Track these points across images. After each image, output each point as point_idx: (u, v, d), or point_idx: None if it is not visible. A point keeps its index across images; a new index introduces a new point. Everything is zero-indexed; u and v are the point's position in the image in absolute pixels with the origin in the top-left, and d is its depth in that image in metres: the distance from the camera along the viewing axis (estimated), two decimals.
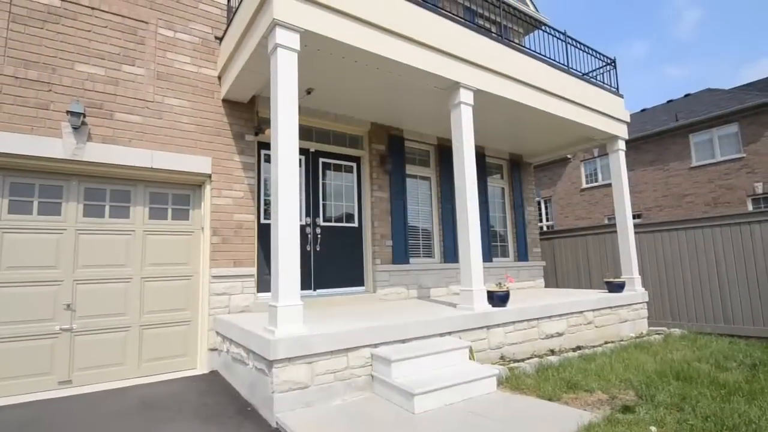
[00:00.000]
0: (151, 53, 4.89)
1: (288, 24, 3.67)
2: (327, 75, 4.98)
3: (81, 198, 4.58)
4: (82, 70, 4.48)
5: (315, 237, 6.10)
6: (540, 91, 5.97)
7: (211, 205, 5.07)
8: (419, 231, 7.30)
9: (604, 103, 7.04)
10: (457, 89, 5.02)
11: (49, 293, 4.30)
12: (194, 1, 5.26)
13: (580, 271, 9.41)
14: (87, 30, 4.56)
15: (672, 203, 15.46)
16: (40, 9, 4.36)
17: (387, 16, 4.35)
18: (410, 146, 7.33)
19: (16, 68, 4.16)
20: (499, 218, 8.70)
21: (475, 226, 4.92)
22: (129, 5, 4.83)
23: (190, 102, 5.07)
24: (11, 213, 4.23)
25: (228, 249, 5.11)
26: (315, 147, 6.28)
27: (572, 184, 19.38)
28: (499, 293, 5.01)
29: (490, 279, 6.82)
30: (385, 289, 6.44)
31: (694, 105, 16.66)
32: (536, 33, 6.72)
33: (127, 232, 4.78)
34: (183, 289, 5.04)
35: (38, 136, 4.17)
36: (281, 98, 3.62)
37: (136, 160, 4.62)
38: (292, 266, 3.51)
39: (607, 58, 7.43)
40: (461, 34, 5.14)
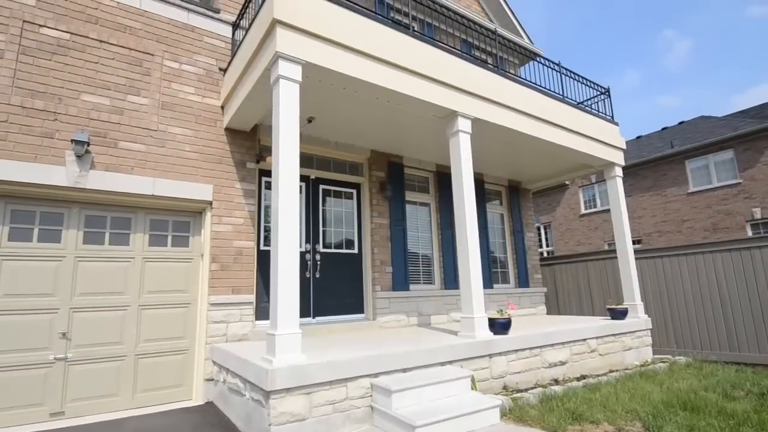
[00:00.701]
0: (157, 84, 5.01)
1: (290, 56, 3.78)
2: (328, 104, 5.08)
3: (81, 225, 4.59)
4: (88, 100, 4.58)
5: (315, 264, 6.08)
6: (536, 119, 6.08)
7: (211, 231, 5.08)
8: (419, 257, 7.28)
9: (600, 130, 7.16)
10: (455, 118, 5.12)
11: (45, 321, 4.25)
12: (199, 35, 5.43)
13: (581, 297, 9.33)
14: (94, 62, 4.69)
15: (671, 229, 15.48)
16: (50, 41, 4.50)
17: (386, 48, 4.49)
18: (410, 173, 7.40)
19: (23, 98, 4.25)
20: (499, 244, 8.69)
21: (475, 253, 4.91)
22: (136, 38, 4.98)
23: (192, 131, 5.16)
24: (11, 240, 4.23)
25: (227, 276, 5.08)
26: (315, 174, 6.34)
27: (571, 210, 19.46)
28: (500, 320, 4.95)
29: (491, 306, 6.75)
30: (385, 316, 6.36)
31: (689, 132, 16.93)
32: (531, 64, 6.91)
33: (127, 259, 4.77)
34: (181, 317, 4.98)
35: (42, 164, 4.22)
36: (283, 128, 3.69)
37: (138, 187, 4.66)
38: (292, 294, 3.48)
39: (600, 87, 7.60)
40: (458, 65, 5.29)
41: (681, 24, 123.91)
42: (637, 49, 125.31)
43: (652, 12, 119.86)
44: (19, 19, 4.37)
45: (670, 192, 15.72)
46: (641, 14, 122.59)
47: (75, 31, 4.63)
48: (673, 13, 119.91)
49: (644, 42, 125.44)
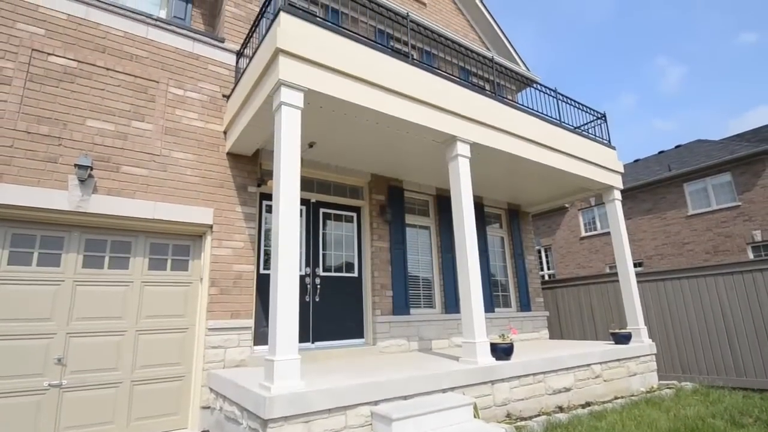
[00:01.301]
0: (161, 110, 5.10)
1: (292, 84, 3.86)
2: (328, 129, 5.16)
3: (81, 249, 4.58)
4: (92, 126, 4.65)
5: (314, 287, 6.04)
6: (534, 144, 6.16)
7: (211, 255, 5.07)
8: (420, 280, 7.24)
9: (597, 154, 7.24)
10: (454, 142, 5.19)
11: (41, 347, 4.19)
12: (204, 63, 5.57)
13: (584, 321, 9.22)
14: (100, 89, 4.79)
15: (672, 251, 15.44)
16: (57, 69, 4.61)
17: (386, 76, 4.59)
18: (410, 196, 7.44)
19: (29, 124, 4.32)
20: (499, 267, 8.65)
21: (476, 276, 4.89)
22: (142, 66, 5.10)
23: (195, 155, 5.22)
24: (10, 264, 4.22)
25: (226, 300, 5.04)
26: (316, 197, 6.38)
27: (571, 233, 19.45)
28: (502, 346, 4.88)
29: (493, 330, 6.67)
30: (386, 341, 6.27)
31: (686, 155, 17.11)
32: (528, 90, 7.05)
33: (125, 283, 4.74)
34: (178, 343, 4.91)
35: (44, 189, 4.25)
36: (284, 153, 3.74)
37: (139, 211, 4.68)
38: (291, 319, 3.45)
39: (597, 112, 7.73)
40: (457, 91, 5.40)
41: (674, 50, 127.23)
42: (631, 75, 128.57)
43: (645, 39, 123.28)
44: (28, 47, 4.49)
45: (669, 215, 15.76)
46: (634, 41, 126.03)
47: (83, 59, 4.75)
48: (665, 40, 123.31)
49: (638, 68, 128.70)
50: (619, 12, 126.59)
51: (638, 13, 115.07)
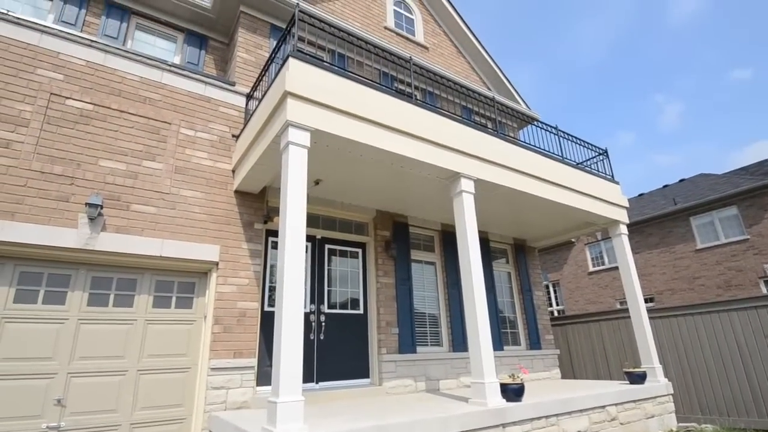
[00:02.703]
0: (172, 150, 5.25)
1: (300, 124, 3.98)
2: (334, 167, 5.26)
3: (87, 287, 4.59)
4: (105, 165, 4.77)
5: (319, 325, 5.95)
6: (537, 179, 6.22)
7: (215, 292, 5.05)
8: (426, 317, 7.12)
9: (601, 189, 7.27)
10: (458, 179, 5.25)
11: (41, 387, 4.11)
12: (215, 105, 5.77)
13: (596, 359, 8.94)
14: (114, 130, 4.95)
15: (683, 286, 15.15)
16: (74, 112, 4.79)
17: (390, 115, 4.73)
18: (415, 232, 7.45)
19: (43, 164, 4.45)
20: (507, 303, 8.51)
21: (483, 313, 4.81)
22: (155, 108, 5.29)
23: (203, 193, 5.31)
24: (16, 302, 4.22)
25: (229, 339, 4.97)
26: (321, 234, 6.41)
27: (579, 268, 19.22)
28: (513, 386, 4.72)
29: (503, 369, 6.49)
30: (392, 381, 6.10)
31: (690, 189, 17.12)
32: (529, 127, 7.20)
33: (129, 322, 4.70)
34: (179, 383, 4.80)
35: (54, 227, 4.31)
36: (291, 191, 3.80)
37: (147, 248, 4.72)
38: (295, 358, 3.38)
39: (598, 148, 7.84)
40: (459, 129, 5.52)
41: (669, 88, 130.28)
42: (628, 113, 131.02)
43: (640, 78, 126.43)
44: (47, 91, 4.69)
45: (678, 249, 15.58)
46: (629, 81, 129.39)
47: (98, 102, 4.94)
48: (660, 78, 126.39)
49: (635, 106, 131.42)
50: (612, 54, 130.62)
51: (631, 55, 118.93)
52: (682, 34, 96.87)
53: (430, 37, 9.88)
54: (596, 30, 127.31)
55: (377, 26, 8.83)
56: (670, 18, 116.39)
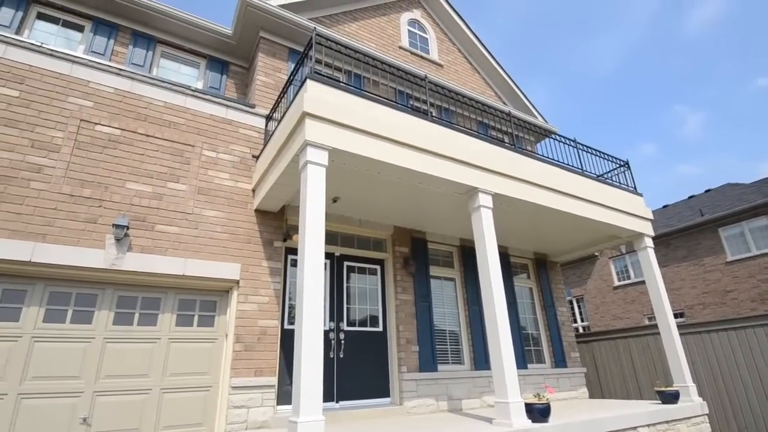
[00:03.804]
0: (195, 171, 5.40)
1: (318, 143, 4.06)
2: (352, 185, 5.31)
3: (113, 306, 4.70)
4: (131, 188, 4.94)
5: (339, 343, 5.92)
6: (557, 192, 6.13)
7: (236, 311, 5.10)
8: (446, 335, 7.01)
9: (623, 201, 7.12)
10: (476, 194, 5.23)
11: (68, 405, 4.19)
12: (236, 127, 5.94)
13: (625, 378, 8.61)
14: (140, 153, 5.13)
15: (715, 300, 14.55)
16: (102, 137, 4.99)
17: (406, 133, 4.77)
18: (433, 248, 7.41)
19: (73, 187, 4.63)
20: (529, 320, 8.31)
21: (505, 330, 4.71)
22: (179, 132, 5.48)
23: (225, 213, 5.42)
24: (45, 321, 4.35)
25: (250, 357, 4.99)
26: (340, 251, 6.43)
27: (604, 282, 18.70)
28: (538, 406, 4.57)
29: (527, 388, 6.31)
30: (413, 400, 5.99)
31: (717, 199, 16.60)
32: (547, 140, 7.15)
33: (153, 340, 4.78)
34: (201, 402, 4.83)
35: (83, 248, 4.46)
36: (310, 209, 3.85)
37: (170, 268, 4.82)
38: (315, 377, 3.37)
39: (619, 160, 7.71)
40: (476, 145, 5.52)
41: (691, 98, 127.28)
42: (649, 125, 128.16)
43: (659, 89, 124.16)
44: (77, 118, 4.91)
45: (707, 261, 15.02)
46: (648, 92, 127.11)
47: (125, 127, 5.15)
48: (680, 88, 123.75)
49: (656, 117, 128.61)
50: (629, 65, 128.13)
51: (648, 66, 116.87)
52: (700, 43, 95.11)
53: (445, 54, 10.00)
54: (611, 42, 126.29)
55: (392, 46, 8.99)
56: (687, 27, 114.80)
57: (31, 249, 4.22)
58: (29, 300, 4.34)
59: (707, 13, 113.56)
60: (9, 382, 4.03)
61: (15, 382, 4.05)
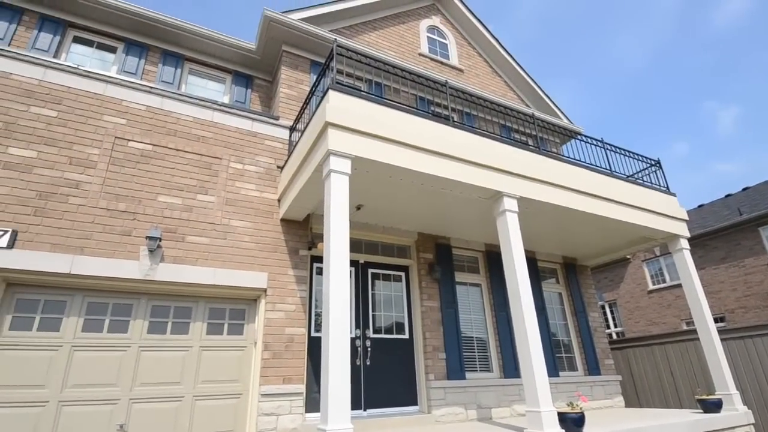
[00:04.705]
0: (222, 183, 5.55)
1: (341, 152, 4.10)
2: (375, 191, 5.34)
3: (147, 315, 4.86)
4: (163, 201, 5.11)
5: (365, 350, 5.92)
6: (584, 194, 5.99)
7: (264, 319, 5.18)
8: (474, 341, 6.90)
9: (656, 202, 6.88)
10: (501, 198, 5.16)
11: (106, 412, 4.34)
12: (261, 139, 6.08)
13: (664, 386, 8.25)
14: (171, 167, 5.31)
15: (758, 303, 13.80)
16: (135, 152, 5.20)
17: (428, 139, 4.77)
18: (458, 253, 7.34)
19: (109, 201, 4.83)
20: (560, 326, 8.10)
21: (535, 336, 4.60)
22: (207, 146, 5.65)
23: (251, 223, 5.53)
24: (84, 331, 4.53)
25: (278, 365, 5.05)
26: (364, 258, 6.45)
27: (637, 286, 18.04)
28: (572, 415, 4.44)
29: (559, 397, 6.14)
30: (441, 409, 5.91)
31: (755, 198, 15.81)
32: (573, 141, 7.00)
33: (185, 348, 4.90)
34: (232, 409, 4.91)
35: (118, 259, 4.64)
36: (334, 217, 3.89)
37: (201, 277, 4.95)
38: (343, 385, 3.38)
39: (650, 159, 7.47)
40: (499, 148, 5.46)
41: (722, 93, 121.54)
42: (680, 123, 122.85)
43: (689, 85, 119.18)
44: (112, 135, 5.14)
45: (748, 263, 14.29)
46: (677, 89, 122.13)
47: (156, 142, 5.34)
48: (710, 84, 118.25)
49: (687, 115, 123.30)
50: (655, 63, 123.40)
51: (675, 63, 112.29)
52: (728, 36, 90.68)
53: (465, 59, 9.97)
54: (636, 39, 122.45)
55: (412, 53, 9.03)
56: (713, 21, 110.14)
57: (70, 261, 4.42)
58: (69, 310, 4.54)
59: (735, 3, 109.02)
60: (51, 389, 4.21)
61: (56, 389, 4.23)
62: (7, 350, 4.18)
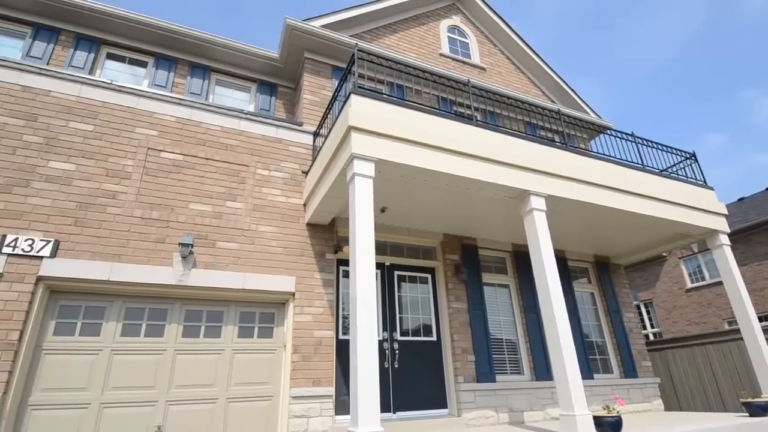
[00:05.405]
0: (250, 189, 5.67)
1: (364, 156, 4.13)
2: (399, 194, 5.34)
3: (182, 319, 5.01)
4: (194, 208, 5.27)
5: (393, 353, 5.92)
6: (614, 191, 5.81)
7: (293, 322, 5.25)
8: (503, 343, 6.79)
9: (692, 196, 6.60)
10: (527, 197, 5.07)
11: (144, 414, 4.49)
12: (285, 145, 6.18)
13: (706, 388, 7.88)
14: (201, 176, 5.48)
15: None
16: (167, 162, 5.38)
17: (451, 139, 4.74)
18: (485, 254, 7.24)
19: (143, 210, 5.02)
20: (593, 327, 7.86)
21: (567, 338, 4.49)
22: (235, 154, 5.79)
23: (278, 228, 5.63)
24: (123, 335, 4.71)
25: (307, 367, 5.11)
26: (390, 261, 6.46)
27: (675, 285, 17.33)
28: (608, 419, 4.30)
29: (594, 400, 5.96)
30: (471, 412, 5.84)
31: None
32: (602, 136, 6.81)
33: (218, 351, 5.03)
34: (264, 411, 4.99)
35: (153, 266, 4.81)
36: (359, 220, 3.91)
37: (231, 282, 5.07)
38: (372, 387, 3.38)
39: (684, 152, 7.18)
40: (524, 146, 5.37)
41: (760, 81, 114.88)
42: (715, 113, 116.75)
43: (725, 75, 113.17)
44: (144, 147, 5.34)
45: None
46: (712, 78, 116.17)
47: (187, 152, 5.52)
48: (747, 72, 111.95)
49: (723, 105, 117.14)
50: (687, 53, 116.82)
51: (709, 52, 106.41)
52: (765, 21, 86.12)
53: (486, 57, 9.87)
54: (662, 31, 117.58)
55: (432, 54, 9.00)
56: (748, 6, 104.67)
57: (109, 269, 4.61)
58: (108, 316, 4.73)
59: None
60: (92, 392, 4.39)
61: (97, 392, 4.41)
62: (52, 355, 4.39)
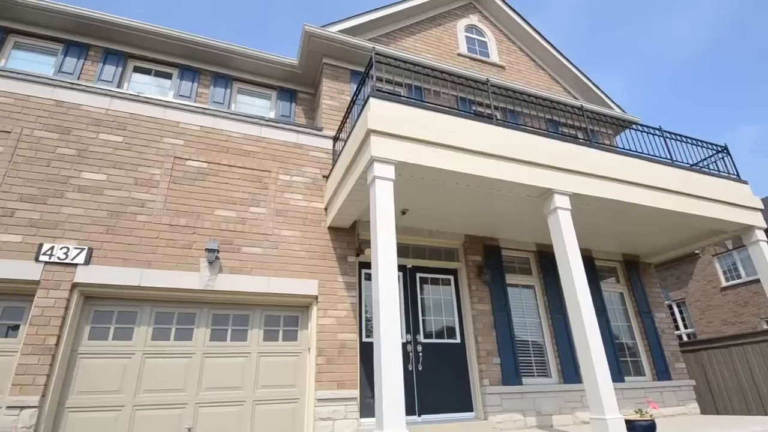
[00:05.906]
0: (272, 195, 5.76)
1: (384, 158, 4.14)
2: (419, 195, 5.32)
3: (209, 323, 5.12)
4: (219, 214, 5.39)
5: (416, 355, 5.89)
6: (642, 187, 5.64)
7: (317, 325, 5.30)
8: (529, 346, 6.66)
9: (724, 191, 6.35)
10: (551, 195, 4.98)
11: (174, 416, 4.60)
12: (306, 150, 6.26)
13: (744, 390, 7.55)
14: (225, 182, 5.60)
15: None
16: (193, 170, 5.52)
17: (471, 139, 4.70)
18: (508, 255, 7.14)
19: (171, 217, 5.16)
20: (623, 328, 7.64)
21: (596, 340, 4.37)
22: (257, 160, 5.90)
23: (301, 232, 5.70)
24: (153, 339, 4.85)
25: (332, 370, 5.14)
26: (412, 263, 6.44)
27: (708, 283, 16.67)
28: (641, 423, 4.17)
29: (626, 403, 5.79)
30: (498, 415, 5.75)
31: None
32: (628, 132, 6.63)
33: (244, 354, 5.12)
34: (290, 413, 5.05)
35: (181, 271, 4.93)
36: (380, 223, 3.92)
37: (256, 286, 5.16)
38: (397, 389, 3.38)
39: (716, 146, 6.92)
40: (546, 144, 5.28)
41: None
42: (748, 105, 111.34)
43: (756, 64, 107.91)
44: (171, 156, 5.49)
45: None
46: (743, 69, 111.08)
47: (211, 160, 5.65)
48: None
49: (755, 95, 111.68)
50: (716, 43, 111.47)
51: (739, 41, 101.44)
52: None
53: (505, 55, 9.75)
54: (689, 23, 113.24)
55: (450, 54, 8.96)
56: None
57: (139, 275, 4.76)
58: (139, 320, 4.88)
59: None
60: (125, 395, 4.54)
61: (130, 395, 4.55)
62: (87, 358, 4.56)
